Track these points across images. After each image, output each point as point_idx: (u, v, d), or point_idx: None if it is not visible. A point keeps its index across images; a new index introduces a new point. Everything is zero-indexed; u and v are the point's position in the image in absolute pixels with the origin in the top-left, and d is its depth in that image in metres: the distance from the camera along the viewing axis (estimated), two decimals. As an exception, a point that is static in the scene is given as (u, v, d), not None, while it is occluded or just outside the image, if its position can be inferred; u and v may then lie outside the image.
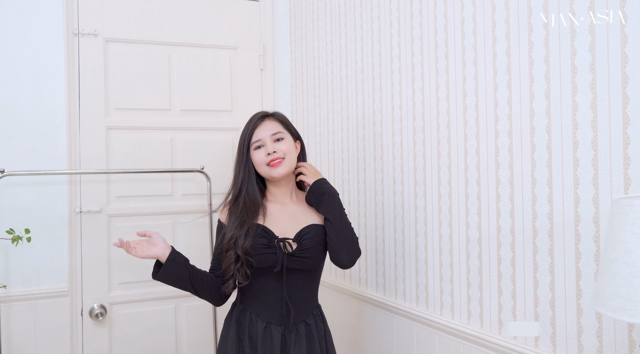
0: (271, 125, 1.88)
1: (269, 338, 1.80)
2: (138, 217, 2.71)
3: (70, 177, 2.57)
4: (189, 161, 2.78)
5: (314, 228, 1.85)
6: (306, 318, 1.86)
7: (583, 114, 1.37)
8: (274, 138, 1.86)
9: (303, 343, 1.81)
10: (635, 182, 1.26)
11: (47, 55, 2.52)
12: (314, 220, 1.89)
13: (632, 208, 0.97)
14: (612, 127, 1.31)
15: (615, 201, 1.01)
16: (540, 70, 1.49)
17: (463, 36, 1.76)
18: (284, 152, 1.84)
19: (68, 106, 2.55)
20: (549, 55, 1.46)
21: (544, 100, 1.48)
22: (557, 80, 1.44)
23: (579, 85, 1.38)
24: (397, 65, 2.10)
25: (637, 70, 1.24)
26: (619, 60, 1.29)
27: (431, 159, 1.92)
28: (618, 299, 0.96)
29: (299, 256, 1.80)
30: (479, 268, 1.72)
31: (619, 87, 1.29)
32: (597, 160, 1.34)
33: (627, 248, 0.96)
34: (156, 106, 2.74)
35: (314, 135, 2.76)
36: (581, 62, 1.37)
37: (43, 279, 2.53)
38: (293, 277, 1.82)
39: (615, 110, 1.30)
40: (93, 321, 2.61)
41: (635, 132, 1.25)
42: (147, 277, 2.70)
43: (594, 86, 1.34)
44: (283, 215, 1.88)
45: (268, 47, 2.97)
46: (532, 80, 1.51)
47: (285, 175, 1.86)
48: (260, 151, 1.85)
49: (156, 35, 2.73)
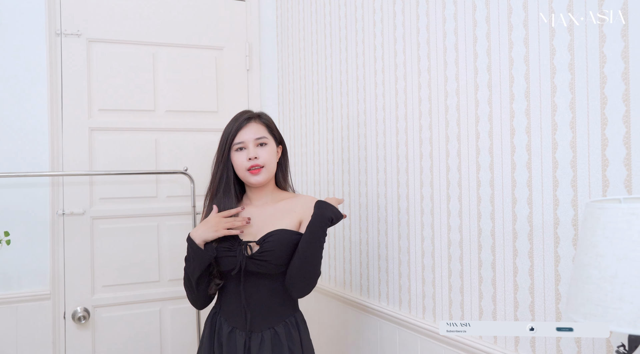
0: (256, 128, 1.84)
1: (232, 343, 1.78)
2: (122, 219, 2.68)
3: (53, 178, 2.54)
4: (174, 162, 2.75)
5: (279, 233, 1.77)
6: (275, 325, 1.79)
7: (562, 115, 1.35)
8: (257, 142, 1.82)
9: (267, 350, 1.76)
10: (614, 184, 1.23)
11: (29, 55, 2.49)
12: (285, 224, 1.81)
13: (603, 212, 0.94)
14: (590, 128, 1.28)
15: (589, 204, 0.99)
16: (520, 70, 1.46)
17: (445, 36, 1.74)
18: (265, 160, 1.81)
19: (50, 107, 2.53)
20: (528, 55, 1.43)
21: (524, 101, 1.45)
22: (536, 80, 1.41)
23: (558, 86, 1.35)
24: (380, 66, 2.07)
25: (616, 69, 1.22)
26: (597, 60, 1.26)
27: (414, 161, 1.89)
28: (589, 304, 0.94)
29: (258, 259, 1.75)
30: (460, 271, 1.70)
31: (597, 88, 1.26)
32: (576, 162, 1.31)
33: (599, 252, 0.94)
34: (140, 107, 2.71)
35: (300, 136, 2.73)
36: (560, 61, 1.35)
37: (25, 282, 2.50)
38: (254, 281, 1.77)
39: (593, 111, 1.27)
40: (76, 325, 2.58)
41: (614, 133, 1.23)
42: (131, 280, 2.69)
43: (572, 87, 1.32)
44: (256, 219, 1.85)
45: (254, 47, 2.94)
46: (512, 80, 1.49)
47: (264, 183, 1.83)
48: (242, 153, 1.82)
49: (141, 35, 2.70)
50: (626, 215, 0.91)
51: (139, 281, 2.70)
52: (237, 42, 2.91)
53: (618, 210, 0.92)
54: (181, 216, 2.75)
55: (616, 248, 0.91)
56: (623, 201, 1.04)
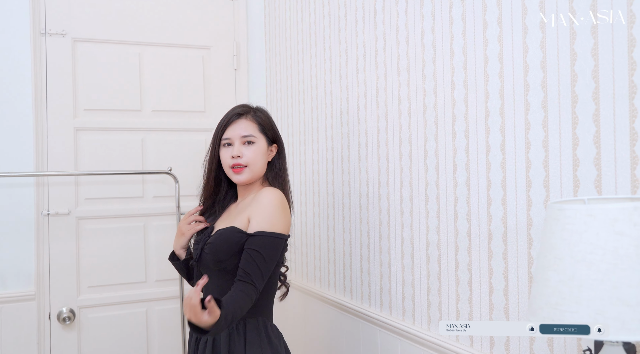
0: (245, 125, 1.77)
1: (191, 337, 1.78)
2: (108, 219, 2.67)
3: (38, 178, 2.52)
4: (161, 162, 2.73)
5: (228, 230, 1.68)
6: None
7: (534, 113, 1.32)
8: (243, 140, 1.76)
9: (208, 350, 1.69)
10: (584, 184, 1.20)
11: (13, 55, 2.48)
12: (238, 222, 1.71)
13: (562, 213, 0.92)
14: (562, 126, 1.26)
15: (549, 205, 0.96)
16: (494, 68, 1.44)
17: (423, 34, 1.71)
18: (248, 159, 1.74)
19: (35, 107, 2.51)
20: (502, 53, 1.41)
21: (498, 100, 1.43)
22: (510, 79, 1.39)
23: (531, 84, 1.33)
24: (362, 64, 2.05)
25: (586, 67, 1.19)
26: (568, 58, 1.23)
27: (394, 160, 1.87)
28: (547, 308, 0.91)
29: (205, 251, 1.71)
30: (438, 272, 1.67)
31: (568, 85, 1.24)
32: (548, 162, 1.29)
33: (557, 255, 0.91)
34: (127, 107, 2.69)
35: (287, 136, 2.71)
36: (533, 59, 1.32)
37: (9, 283, 2.49)
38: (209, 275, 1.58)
39: (565, 110, 1.25)
40: (61, 326, 2.57)
41: (584, 132, 1.20)
42: (117, 280, 2.68)
43: (544, 85, 1.29)
44: (229, 213, 1.83)
45: (242, 46, 2.92)
46: (487, 78, 1.46)
47: (247, 182, 1.78)
48: (228, 150, 1.77)
49: (127, 35, 2.69)
50: (584, 216, 0.88)
51: (125, 282, 2.68)
52: (224, 41, 2.89)
53: (576, 211, 0.89)
54: (168, 217, 2.74)
55: (573, 250, 0.89)
56: (587, 202, 1.01)
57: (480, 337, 1.51)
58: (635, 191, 1.10)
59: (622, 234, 0.86)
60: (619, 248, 0.85)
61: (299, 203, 2.59)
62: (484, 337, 1.50)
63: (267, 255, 1.62)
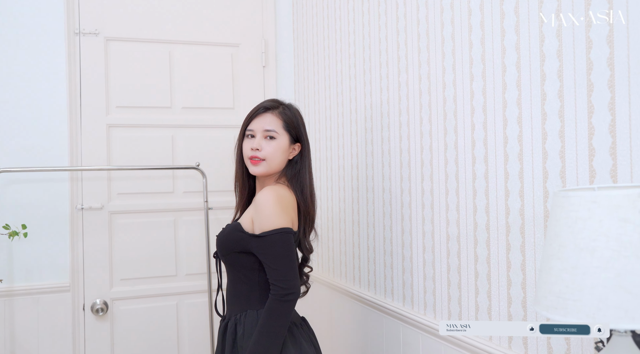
0: (270, 119, 1.79)
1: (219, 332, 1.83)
2: (140, 214, 2.73)
3: (72, 174, 2.61)
4: (190, 158, 2.78)
5: (233, 226, 1.74)
6: (234, 315, 1.74)
7: (551, 103, 1.30)
8: (265, 134, 1.77)
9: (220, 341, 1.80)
10: (600, 174, 1.18)
11: (48, 54, 2.57)
12: (244, 218, 1.74)
13: (567, 200, 0.90)
14: (577, 116, 1.23)
15: (555, 193, 0.95)
16: (511, 59, 1.42)
17: (442, 25, 1.70)
18: (267, 153, 1.76)
19: (69, 104, 2.60)
20: (519, 43, 1.39)
21: (515, 90, 1.41)
22: (527, 69, 1.37)
23: (547, 73, 1.31)
24: (384, 58, 2.05)
25: (601, 54, 1.17)
26: (584, 47, 1.21)
27: (415, 154, 1.86)
28: (551, 297, 0.90)
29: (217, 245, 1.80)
30: (458, 266, 1.66)
31: (584, 74, 1.21)
32: (564, 152, 1.27)
33: (561, 242, 0.90)
34: (157, 104, 2.76)
35: (314, 132, 2.73)
36: (549, 48, 1.30)
37: (45, 274, 2.57)
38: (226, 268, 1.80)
39: (580, 99, 1.22)
40: (95, 316, 2.65)
41: (600, 122, 1.18)
42: (148, 274, 2.74)
43: (560, 74, 1.27)
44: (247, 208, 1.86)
45: (270, 43, 2.95)
46: (504, 69, 1.44)
47: (262, 174, 1.79)
48: (250, 141, 1.79)
49: (157, 34, 2.75)
50: (587, 203, 0.87)
51: (156, 275, 2.75)
52: (253, 38, 2.92)
53: (580, 198, 0.88)
54: (197, 212, 2.79)
55: (577, 238, 0.87)
56: (597, 190, 0.99)
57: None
58: (650, 181, 1.07)
59: (625, 221, 0.84)
60: (622, 235, 0.84)
61: (326, 198, 2.60)
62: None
63: (279, 253, 1.63)
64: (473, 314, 1.60)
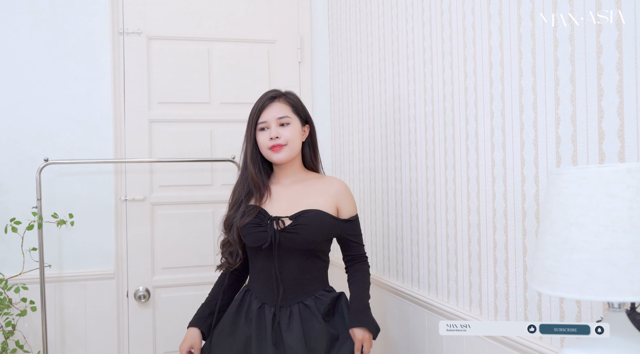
0: (279, 107, 1.87)
1: (262, 318, 1.83)
2: (180, 206, 2.84)
3: (116, 167, 2.74)
4: (228, 152, 2.87)
5: (316, 212, 1.82)
6: (303, 299, 1.83)
7: (564, 88, 1.31)
8: (279, 122, 1.85)
9: (297, 323, 1.79)
10: (609, 158, 1.18)
11: (94, 53, 2.71)
12: (319, 204, 1.85)
13: (559, 177, 0.92)
14: (588, 100, 1.24)
15: (550, 172, 0.97)
16: (527, 46, 1.43)
17: (464, 15, 1.72)
18: (286, 138, 1.84)
19: (114, 100, 2.73)
20: (534, 29, 1.40)
21: (531, 77, 1.42)
22: (541, 55, 1.38)
23: (560, 59, 1.32)
24: (411, 50, 2.07)
25: (610, 38, 1.17)
26: (593, 30, 1.22)
27: (439, 143, 1.89)
28: (543, 272, 0.92)
29: (290, 232, 1.78)
30: (478, 253, 1.68)
31: (594, 58, 1.22)
32: (576, 136, 1.27)
33: (553, 218, 0.92)
34: (196, 99, 2.86)
35: (347, 125, 2.77)
36: (562, 34, 1.31)
37: (92, 262, 2.71)
38: (286, 256, 1.80)
39: (591, 83, 1.23)
40: (137, 303, 2.77)
41: (609, 104, 1.18)
42: (188, 263, 2.85)
43: (572, 59, 1.28)
44: (283, 197, 1.89)
45: (306, 40, 3.01)
46: (520, 56, 1.46)
47: (286, 160, 1.86)
48: (265, 133, 1.86)
49: (196, 32, 2.85)
50: (578, 179, 0.89)
51: (195, 265, 2.85)
52: (289, 35, 2.99)
53: (571, 175, 0.90)
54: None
55: (567, 214, 0.89)
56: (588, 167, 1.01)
57: (516, 314, 1.51)
58: (656, 162, 1.08)
59: (614, 196, 0.85)
60: (610, 210, 0.85)
61: (359, 190, 2.65)
62: (519, 312, 1.49)
63: (360, 232, 1.95)
64: (492, 300, 1.61)
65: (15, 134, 2.60)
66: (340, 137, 2.88)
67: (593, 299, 0.85)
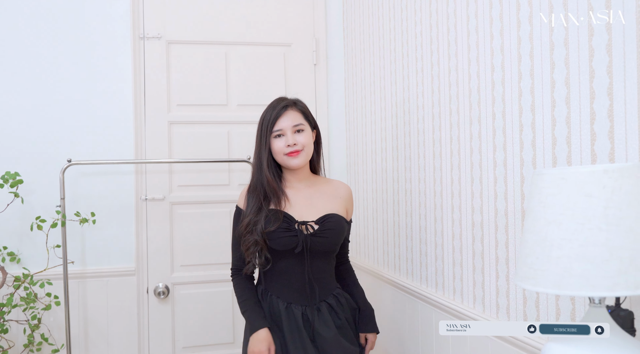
0: (293, 115, 1.95)
1: (292, 316, 1.90)
2: (198, 205, 2.92)
3: (137, 167, 2.83)
4: (245, 152, 2.94)
5: (337, 216, 1.95)
6: (327, 298, 1.94)
7: (559, 91, 1.34)
8: (294, 129, 1.93)
9: (328, 319, 1.91)
10: (601, 158, 1.22)
11: (116, 57, 2.81)
12: (336, 209, 1.97)
13: (540, 178, 0.96)
14: (581, 102, 1.27)
15: (533, 173, 1.01)
16: (526, 49, 1.47)
17: (467, 19, 1.76)
18: (303, 144, 1.92)
19: (134, 103, 2.82)
20: (532, 32, 1.44)
21: (529, 79, 1.45)
22: (538, 58, 1.41)
23: (556, 61, 1.35)
24: (420, 53, 2.11)
25: (601, 42, 1.20)
26: (586, 32, 1.25)
27: (445, 144, 1.93)
28: (525, 268, 0.96)
29: (320, 236, 1.88)
30: (481, 251, 1.71)
31: (586, 60, 1.25)
32: (570, 138, 1.31)
33: (534, 217, 0.96)
34: (214, 102, 2.94)
35: (361, 126, 2.82)
36: (557, 37, 1.34)
37: (113, 259, 2.81)
38: (314, 258, 1.91)
39: (584, 85, 1.26)
40: (157, 299, 2.86)
41: (600, 107, 1.21)
42: (206, 261, 2.93)
43: (567, 62, 1.31)
44: (299, 200, 1.97)
45: (321, 42, 3.07)
46: (520, 59, 1.49)
47: (302, 165, 1.94)
48: (281, 140, 1.93)
49: (214, 36, 2.93)
50: (557, 179, 0.93)
51: (213, 263, 2.93)
52: (304, 38, 3.05)
53: (551, 175, 0.94)
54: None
55: (547, 212, 0.93)
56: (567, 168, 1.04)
57: (516, 312, 1.54)
58: (643, 162, 1.11)
59: (590, 196, 0.89)
60: (587, 209, 0.89)
61: (372, 189, 2.69)
62: (518, 309, 1.53)
63: None
64: (494, 298, 1.65)
65: (40, 135, 2.71)
66: (355, 137, 2.93)
67: (569, 294, 0.89)
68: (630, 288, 0.86)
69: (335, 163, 3.09)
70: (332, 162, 3.09)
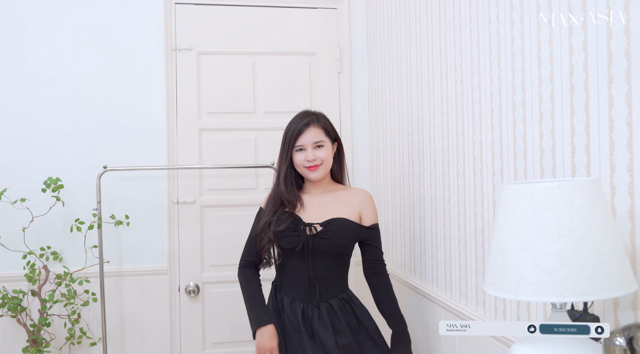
0: (314, 132, 2.08)
1: (293, 312, 2.05)
2: (227, 208, 3.07)
3: (169, 172, 3.00)
4: (272, 158, 3.07)
5: (343, 220, 2.05)
6: (329, 299, 2.05)
7: (545, 104, 1.40)
8: (314, 145, 2.07)
9: (326, 319, 2.01)
10: (580, 171, 1.28)
11: (149, 68, 2.98)
12: (346, 213, 2.07)
13: (503, 191, 1.04)
14: (564, 116, 1.33)
15: (499, 187, 1.09)
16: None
17: (489, 21, 1.83)
18: (322, 159, 2.06)
19: (167, 111, 2.99)
20: (524, 48, 1.50)
21: (520, 92, 1.52)
22: (529, 73, 1.48)
23: (543, 77, 1.41)
24: (431, 64, 2.19)
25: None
26: (566, 50, 1.31)
27: (454, 153, 2.00)
28: (490, 275, 1.05)
29: (321, 238, 2.01)
30: (482, 256, 1.78)
31: (567, 78, 1.31)
32: (555, 150, 1.37)
33: (498, 228, 1.04)
34: (242, 109, 3.08)
35: (383, 132, 2.91)
36: (544, 54, 1.40)
37: (147, 259, 2.98)
38: (317, 258, 2.03)
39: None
40: (188, 297, 3.02)
41: (579, 121, 1.27)
42: (234, 261, 3.05)
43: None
44: (314, 205, 2.10)
45: (345, 51, 3.17)
46: (513, 73, 1.56)
47: (320, 178, 2.09)
48: (301, 154, 2.07)
49: (242, 46, 3.07)
50: (517, 193, 1.01)
51: (241, 263, 3.06)
52: (329, 47, 3.16)
53: (511, 189, 1.02)
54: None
55: (508, 223, 1.01)
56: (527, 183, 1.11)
57: (510, 315, 1.61)
58: (613, 175, 1.16)
59: (545, 209, 0.97)
60: (541, 221, 0.97)
61: (391, 194, 2.78)
62: (512, 312, 1.59)
63: (380, 238, 2.16)
64: (493, 301, 1.72)
65: (79, 142, 2.91)
66: (377, 143, 3.02)
67: (524, 300, 0.96)
68: (579, 294, 0.93)
69: (358, 168, 3.19)
70: (356, 167, 3.18)
